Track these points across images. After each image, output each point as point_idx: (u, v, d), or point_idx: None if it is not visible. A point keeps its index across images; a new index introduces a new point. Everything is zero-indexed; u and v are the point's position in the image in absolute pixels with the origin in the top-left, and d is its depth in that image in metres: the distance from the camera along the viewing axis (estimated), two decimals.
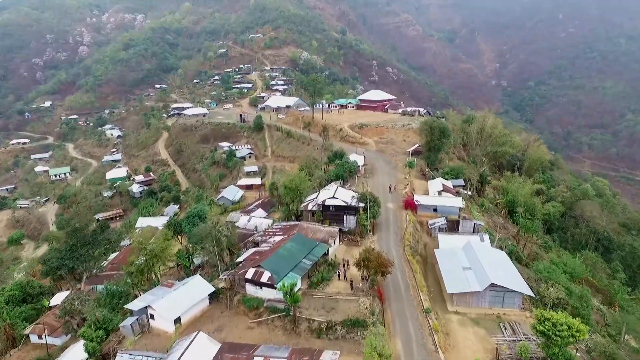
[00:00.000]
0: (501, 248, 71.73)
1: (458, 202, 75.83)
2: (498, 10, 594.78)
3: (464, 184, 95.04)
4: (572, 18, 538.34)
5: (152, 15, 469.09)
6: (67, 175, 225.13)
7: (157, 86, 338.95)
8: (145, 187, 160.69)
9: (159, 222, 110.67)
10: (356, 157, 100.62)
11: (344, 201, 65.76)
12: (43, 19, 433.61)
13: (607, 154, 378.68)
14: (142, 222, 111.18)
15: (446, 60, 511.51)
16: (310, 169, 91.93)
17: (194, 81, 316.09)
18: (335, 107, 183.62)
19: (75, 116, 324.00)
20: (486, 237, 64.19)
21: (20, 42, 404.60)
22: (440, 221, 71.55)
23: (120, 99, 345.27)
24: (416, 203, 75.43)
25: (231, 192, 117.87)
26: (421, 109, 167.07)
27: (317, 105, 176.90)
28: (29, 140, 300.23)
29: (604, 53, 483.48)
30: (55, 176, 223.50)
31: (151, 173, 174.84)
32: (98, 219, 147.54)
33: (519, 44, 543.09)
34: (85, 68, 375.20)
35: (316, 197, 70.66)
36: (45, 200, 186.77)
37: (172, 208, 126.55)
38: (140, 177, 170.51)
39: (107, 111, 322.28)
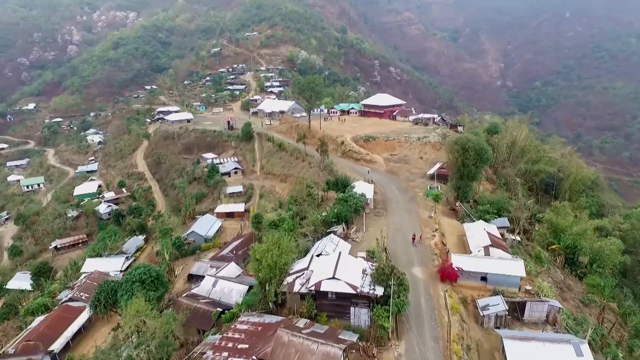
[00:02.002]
0: (590, 344, 45.77)
1: (518, 268, 49.78)
2: (502, 8, 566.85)
3: (509, 224, 69.24)
4: (578, 16, 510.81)
5: (145, 13, 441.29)
6: (41, 186, 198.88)
7: (147, 87, 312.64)
8: (115, 207, 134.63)
9: (112, 265, 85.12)
10: (363, 187, 74.57)
11: (350, 285, 39.74)
12: (30, 17, 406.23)
13: (620, 158, 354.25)
14: (91, 265, 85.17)
15: (449, 60, 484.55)
16: (302, 207, 66.08)
17: (185, 82, 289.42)
18: (336, 112, 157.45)
19: (59, 119, 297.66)
20: (586, 348, 38.18)
21: (6, 40, 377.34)
22: (497, 305, 45.53)
23: (108, 100, 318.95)
24: (456, 271, 49.44)
25: (205, 224, 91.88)
26: (435, 116, 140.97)
27: (315, 110, 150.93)
28: (7, 146, 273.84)
29: (613, 53, 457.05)
30: (28, 187, 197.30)
31: (124, 189, 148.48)
32: (56, 247, 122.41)
33: (524, 43, 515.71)
34: (72, 68, 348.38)
35: (307, 267, 44.80)
36: (6, 219, 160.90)
37: (135, 241, 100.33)
38: (110, 194, 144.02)
39: (92, 114, 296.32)
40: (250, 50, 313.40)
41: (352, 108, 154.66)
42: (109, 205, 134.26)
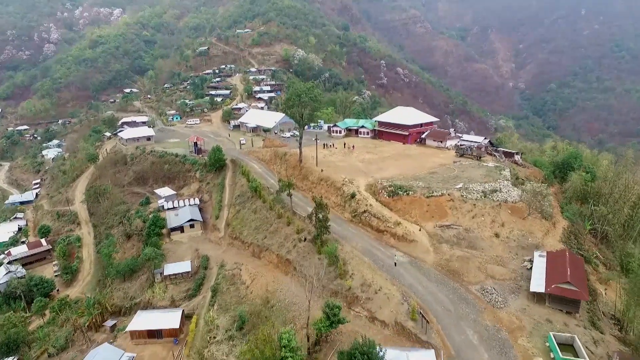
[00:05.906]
0: None
1: None
2: (512, 5, 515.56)
3: None
4: (596, 14, 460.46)
5: (131, 9, 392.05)
6: None
7: (127, 90, 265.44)
8: (19, 273, 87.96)
9: None
10: None
11: None
12: (5, 13, 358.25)
13: None
14: None
15: (459, 60, 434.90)
16: None
17: (165, 85, 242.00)
18: (340, 132, 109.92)
19: (25, 127, 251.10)
20: None
21: None
22: None
23: (82, 105, 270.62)
24: None
25: None
26: (480, 139, 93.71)
27: (310, 127, 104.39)
28: None
29: (635, 52, 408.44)
30: None
31: (44, 240, 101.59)
32: None
33: (537, 42, 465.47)
34: (44, 69, 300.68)
35: None
36: None
37: None
38: (20, 249, 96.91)
39: (60, 121, 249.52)
40: (240, 49, 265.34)
41: (363, 127, 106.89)
42: (9, 272, 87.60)
